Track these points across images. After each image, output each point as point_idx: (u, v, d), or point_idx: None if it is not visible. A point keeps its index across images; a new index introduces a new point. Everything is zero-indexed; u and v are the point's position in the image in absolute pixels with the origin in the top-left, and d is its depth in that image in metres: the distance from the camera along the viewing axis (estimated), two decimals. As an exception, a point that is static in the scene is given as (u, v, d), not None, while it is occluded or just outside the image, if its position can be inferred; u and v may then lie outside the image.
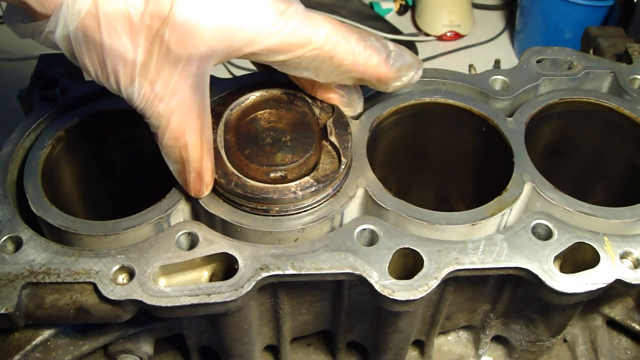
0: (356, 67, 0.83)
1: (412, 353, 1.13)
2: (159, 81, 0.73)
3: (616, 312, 1.10)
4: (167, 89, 0.74)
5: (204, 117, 0.79)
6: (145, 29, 0.70)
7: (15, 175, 0.92)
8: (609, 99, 1.03)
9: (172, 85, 0.74)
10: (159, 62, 0.72)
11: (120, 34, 0.69)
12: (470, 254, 0.84)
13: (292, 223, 0.84)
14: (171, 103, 0.75)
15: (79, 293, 0.80)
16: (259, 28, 0.74)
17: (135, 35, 0.70)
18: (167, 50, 0.71)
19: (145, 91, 0.73)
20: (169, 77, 0.73)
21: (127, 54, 0.70)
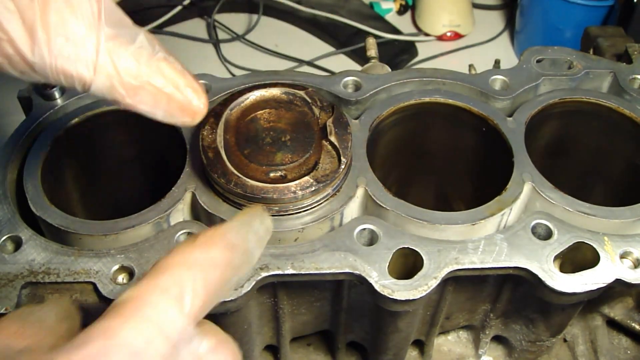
0: None
1: (412, 353, 1.13)
2: (66, 24, 0.59)
3: (616, 312, 1.10)
4: (81, 29, 0.60)
5: (140, 30, 0.65)
6: None
7: (15, 175, 0.92)
8: (609, 99, 1.03)
9: (84, 20, 0.60)
10: (52, 2, 0.59)
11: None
12: (470, 254, 0.84)
13: (292, 223, 0.84)
14: (100, 39, 0.61)
15: (78, 293, 0.80)
16: None
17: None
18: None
19: (60, 44, 0.59)
20: (74, 14, 0.60)
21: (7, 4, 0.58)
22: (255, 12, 2.72)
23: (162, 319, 0.49)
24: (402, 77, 1.03)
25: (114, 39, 0.61)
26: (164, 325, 0.49)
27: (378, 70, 1.21)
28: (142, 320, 0.48)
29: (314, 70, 2.54)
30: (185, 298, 0.51)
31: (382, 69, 1.22)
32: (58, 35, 0.59)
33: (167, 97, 0.66)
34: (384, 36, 2.58)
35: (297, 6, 2.71)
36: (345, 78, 1.03)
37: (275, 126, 0.91)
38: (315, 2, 2.75)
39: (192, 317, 0.52)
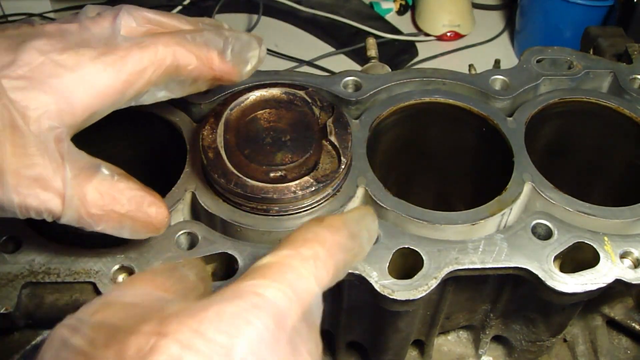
0: (203, 69, 0.78)
1: (412, 353, 1.13)
2: (33, 166, 0.64)
3: (616, 312, 1.10)
4: (48, 169, 0.65)
5: (96, 160, 0.71)
6: None
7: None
8: (609, 99, 1.03)
9: (50, 162, 0.65)
10: (20, 148, 0.64)
11: None
12: (470, 254, 0.84)
13: (292, 223, 0.84)
14: (66, 176, 0.66)
15: (78, 293, 0.80)
16: (95, 85, 0.69)
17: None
18: (20, 133, 0.64)
19: (27, 185, 0.64)
20: (41, 157, 0.65)
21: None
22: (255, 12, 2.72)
23: (303, 285, 0.54)
24: (402, 77, 1.03)
25: (78, 176, 0.67)
26: (303, 291, 0.54)
27: (378, 70, 1.21)
28: (287, 283, 0.52)
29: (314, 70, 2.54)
30: (320, 270, 0.56)
31: (382, 69, 1.22)
32: (26, 178, 0.64)
33: (131, 219, 0.71)
34: (384, 36, 2.58)
35: (297, 6, 2.71)
36: (345, 78, 1.03)
37: (276, 126, 0.91)
38: (315, 2, 2.74)
39: (322, 289, 0.57)
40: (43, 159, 0.65)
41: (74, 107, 0.68)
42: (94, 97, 0.69)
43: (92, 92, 0.69)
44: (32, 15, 2.83)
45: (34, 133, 0.64)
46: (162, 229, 0.75)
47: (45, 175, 0.65)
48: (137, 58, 0.71)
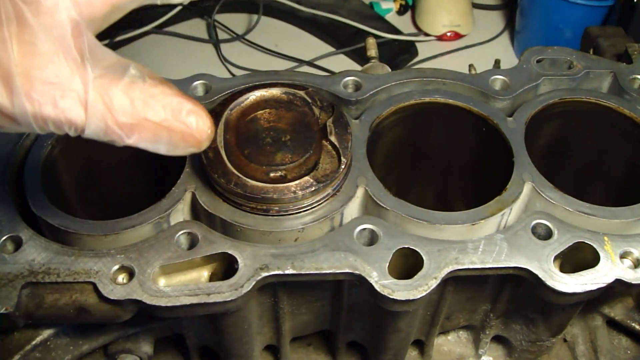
0: None
1: (412, 353, 1.13)
2: (47, 66, 0.55)
3: (616, 312, 1.10)
4: (65, 69, 0.55)
5: (126, 61, 0.60)
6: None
7: (15, 175, 0.92)
8: (609, 99, 1.03)
9: (67, 60, 0.56)
10: (29, 45, 0.54)
11: None
12: (470, 254, 0.84)
13: (292, 223, 0.84)
14: (87, 78, 0.56)
15: (78, 293, 0.80)
16: None
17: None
18: (27, 25, 0.54)
19: (41, 90, 0.54)
20: (56, 55, 0.55)
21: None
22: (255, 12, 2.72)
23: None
24: (402, 77, 1.03)
25: (102, 76, 0.57)
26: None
27: (378, 70, 1.21)
28: None
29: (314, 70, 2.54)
30: None
31: (382, 69, 1.22)
32: (39, 81, 0.54)
33: (167, 130, 0.61)
34: (384, 36, 2.58)
35: (297, 6, 2.71)
36: (345, 78, 1.03)
37: (276, 126, 0.91)
38: (315, 2, 2.75)
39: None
40: (58, 56, 0.55)
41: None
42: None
43: None
44: (32, 15, 2.83)
45: (46, 26, 0.54)
46: (205, 142, 0.64)
47: (62, 76, 0.55)
48: None
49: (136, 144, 0.61)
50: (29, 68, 0.53)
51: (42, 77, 0.54)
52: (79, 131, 0.57)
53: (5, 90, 0.53)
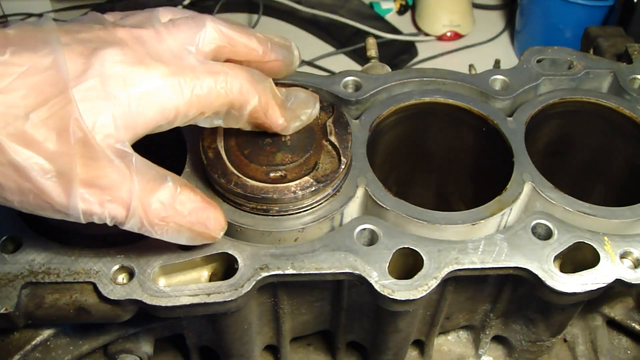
0: (259, 114, 0.79)
1: (412, 353, 1.13)
2: (101, 178, 0.66)
3: (616, 312, 1.10)
4: (115, 179, 0.67)
5: (160, 170, 0.73)
6: (55, 133, 0.64)
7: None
8: (609, 99, 1.03)
9: (117, 174, 0.67)
10: (89, 160, 0.65)
11: (27, 147, 0.63)
12: (470, 254, 0.84)
13: (292, 223, 0.84)
14: (132, 187, 0.68)
15: (78, 293, 0.80)
16: (162, 103, 0.70)
17: (49, 144, 0.64)
18: (88, 145, 0.65)
19: (94, 194, 0.66)
20: (108, 169, 0.67)
21: (46, 166, 0.64)
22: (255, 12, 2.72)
23: None
24: (402, 77, 1.03)
25: (144, 187, 0.69)
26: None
27: (378, 70, 1.21)
28: None
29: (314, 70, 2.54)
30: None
31: (382, 69, 1.22)
32: (93, 187, 0.66)
33: (189, 229, 0.74)
34: (384, 36, 2.58)
35: (297, 6, 2.71)
36: (345, 78, 1.03)
37: (275, 126, 0.90)
38: (315, 2, 2.75)
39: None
40: (112, 170, 0.66)
41: (138, 122, 0.69)
42: (158, 114, 0.70)
43: (157, 109, 0.69)
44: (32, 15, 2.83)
45: (101, 146, 0.66)
46: (218, 238, 0.78)
47: (112, 186, 0.67)
48: (207, 84, 0.72)
49: (162, 237, 0.73)
50: (88, 178, 0.65)
51: (97, 184, 0.66)
52: (119, 224, 0.70)
53: (64, 193, 0.65)
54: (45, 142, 0.63)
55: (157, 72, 0.69)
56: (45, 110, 0.63)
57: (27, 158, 0.63)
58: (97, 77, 0.66)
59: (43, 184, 0.64)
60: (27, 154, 0.62)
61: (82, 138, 0.64)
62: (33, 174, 0.63)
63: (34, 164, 0.63)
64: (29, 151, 0.63)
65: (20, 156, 0.62)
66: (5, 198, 0.65)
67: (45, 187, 0.64)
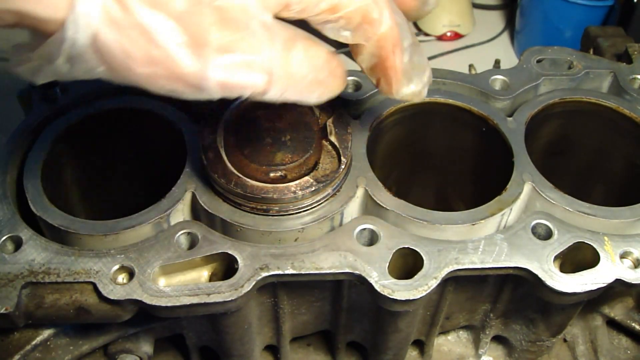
0: (386, 46, 0.72)
1: (412, 353, 1.13)
2: (238, 43, 0.60)
3: (616, 312, 1.10)
4: (252, 44, 0.61)
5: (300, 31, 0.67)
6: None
7: (15, 175, 0.92)
8: (609, 99, 1.03)
9: (253, 38, 0.61)
10: (222, 23, 0.59)
11: (156, 7, 0.56)
12: (470, 254, 0.84)
13: (292, 223, 0.84)
14: (272, 51, 0.62)
15: (78, 293, 0.80)
16: None
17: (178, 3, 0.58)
18: (220, 9, 0.59)
19: (232, 60, 0.60)
20: (244, 33, 0.60)
21: (175, 28, 0.57)
22: (255, 12, 2.71)
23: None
24: (402, 77, 1.03)
25: (283, 47, 0.63)
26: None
27: (378, 70, 1.21)
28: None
29: (314, 70, 2.53)
30: None
31: (382, 69, 1.22)
32: (232, 53, 0.60)
33: (321, 84, 0.69)
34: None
35: (297, 6, 2.70)
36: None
37: (275, 126, 0.90)
38: (315, 2, 2.74)
39: None
40: (249, 34, 0.60)
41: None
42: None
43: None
44: (32, 15, 2.83)
45: (240, 6, 0.60)
46: (343, 87, 0.73)
47: (252, 51, 0.61)
48: None
49: (296, 99, 0.69)
50: (222, 43, 0.58)
51: (234, 49, 0.59)
52: (259, 97, 0.64)
53: (199, 60, 0.58)
54: (175, 3, 0.56)
55: None
56: None
57: (157, 20, 0.56)
58: None
59: (174, 51, 0.57)
60: (156, 16, 0.56)
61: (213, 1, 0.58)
62: (163, 38, 0.56)
63: (164, 26, 0.56)
64: (159, 12, 0.56)
65: (150, 18, 0.55)
66: (133, 71, 0.58)
67: (176, 54, 0.57)
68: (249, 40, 0.60)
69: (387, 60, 0.73)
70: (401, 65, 0.74)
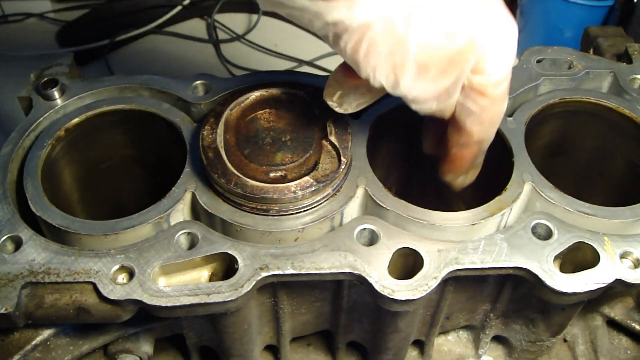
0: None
1: (412, 353, 1.13)
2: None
3: (616, 312, 1.10)
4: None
5: None
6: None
7: (15, 175, 0.92)
8: (609, 99, 1.03)
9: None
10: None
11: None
12: (470, 254, 0.84)
13: (292, 223, 0.84)
14: None
15: (78, 293, 0.80)
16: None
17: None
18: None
19: None
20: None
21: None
22: (255, 12, 2.72)
23: None
24: (402, 77, 1.03)
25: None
26: None
27: (378, 70, 1.21)
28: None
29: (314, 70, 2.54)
30: None
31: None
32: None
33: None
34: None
35: (297, 6, 2.70)
36: (345, 78, 1.02)
37: (275, 126, 0.91)
38: (316, 2, 2.74)
39: None
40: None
41: None
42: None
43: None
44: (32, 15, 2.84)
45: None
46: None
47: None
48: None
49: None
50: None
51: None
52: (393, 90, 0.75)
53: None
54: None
55: None
56: None
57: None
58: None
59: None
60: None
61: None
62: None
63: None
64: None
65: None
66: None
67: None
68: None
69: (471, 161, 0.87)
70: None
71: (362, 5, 0.67)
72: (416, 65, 0.71)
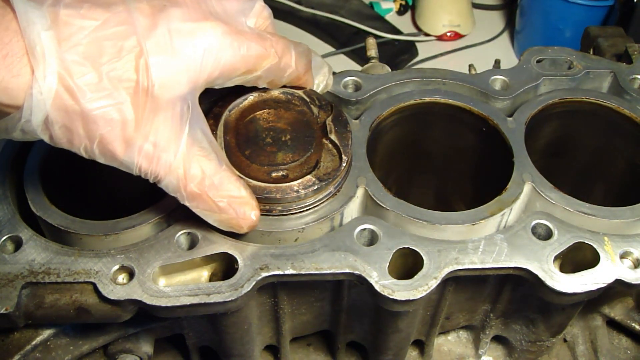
0: (297, 75, 0.86)
1: (412, 353, 1.13)
2: (157, 132, 0.70)
3: (616, 312, 1.10)
4: (168, 137, 0.71)
5: (214, 144, 0.77)
6: (125, 84, 0.68)
7: (15, 175, 0.92)
8: (609, 99, 1.03)
9: (171, 131, 0.71)
10: (150, 113, 0.70)
11: (100, 97, 0.67)
12: (470, 254, 0.84)
13: (292, 223, 0.84)
14: (179, 148, 0.72)
15: (78, 293, 0.80)
16: (220, 60, 0.74)
17: (118, 94, 0.68)
18: (153, 98, 0.69)
19: (147, 148, 0.70)
20: (164, 124, 0.71)
21: (113, 115, 0.67)
22: (255, 12, 2.71)
23: None
24: (402, 77, 1.03)
25: (189, 149, 0.72)
26: None
27: (378, 70, 1.21)
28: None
29: (314, 70, 2.53)
30: None
31: (382, 69, 1.22)
32: (149, 144, 0.70)
33: (220, 209, 0.76)
34: (384, 36, 2.58)
35: (297, 6, 2.71)
36: (345, 78, 1.03)
37: (275, 126, 0.90)
38: (315, 2, 2.75)
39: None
40: (165, 126, 0.70)
41: (200, 77, 0.73)
42: (217, 69, 0.74)
43: (216, 65, 0.73)
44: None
45: (165, 100, 0.70)
46: (245, 230, 0.79)
47: (163, 142, 0.70)
48: (256, 47, 0.77)
49: (192, 208, 0.76)
50: (144, 132, 0.69)
51: (152, 140, 0.70)
52: (156, 181, 0.73)
53: (124, 146, 0.69)
54: (114, 92, 0.67)
55: (219, 29, 0.73)
56: (117, 62, 0.67)
57: (98, 106, 0.66)
58: (166, 32, 0.70)
59: (109, 132, 0.68)
60: (98, 102, 0.66)
61: (149, 91, 0.68)
62: (101, 121, 0.67)
63: (103, 112, 0.66)
64: (101, 99, 0.66)
65: (92, 104, 0.66)
66: (72, 143, 0.69)
67: (110, 136, 0.68)
68: (163, 133, 0.71)
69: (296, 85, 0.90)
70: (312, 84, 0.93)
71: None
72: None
